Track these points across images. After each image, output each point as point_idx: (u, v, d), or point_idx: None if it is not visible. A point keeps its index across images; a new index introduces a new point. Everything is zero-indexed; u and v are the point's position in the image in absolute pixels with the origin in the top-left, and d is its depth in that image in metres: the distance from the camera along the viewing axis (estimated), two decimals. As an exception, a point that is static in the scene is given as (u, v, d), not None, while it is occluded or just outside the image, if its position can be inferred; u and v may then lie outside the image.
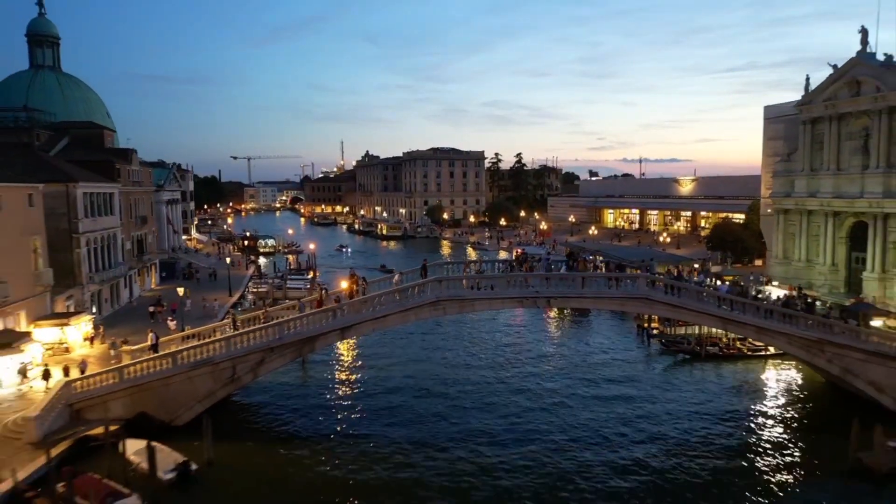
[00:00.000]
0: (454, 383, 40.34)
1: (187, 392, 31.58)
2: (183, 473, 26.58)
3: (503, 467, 28.61)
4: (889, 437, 28.17)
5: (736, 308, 33.78)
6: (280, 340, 31.98)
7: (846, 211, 60.11)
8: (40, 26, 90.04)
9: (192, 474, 26.87)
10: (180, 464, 26.91)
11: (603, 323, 58.81)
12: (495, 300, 35.13)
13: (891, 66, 55.72)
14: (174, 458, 27.15)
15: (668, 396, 37.75)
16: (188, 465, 26.97)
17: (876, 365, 32.71)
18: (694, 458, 29.41)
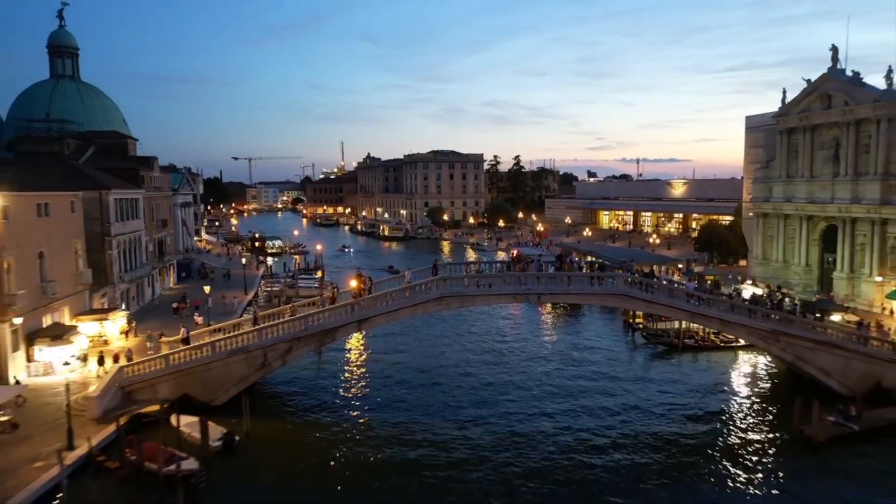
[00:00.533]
0: (454, 372, 45.14)
1: (225, 376, 36.37)
2: (228, 443, 31.38)
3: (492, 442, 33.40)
4: (828, 413, 33.04)
5: (702, 303, 38.71)
6: (306, 331, 36.85)
7: (819, 215, 65.00)
8: (61, 38, 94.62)
9: (235, 444, 31.66)
10: (225, 434, 31.71)
11: (594, 319, 63.63)
12: (492, 296, 40.07)
13: (857, 81, 60.63)
14: (220, 430, 31.94)
15: (647, 382, 42.58)
16: (232, 436, 31.78)
17: (824, 353, 37.59)
18: (665, 432, 34.19)
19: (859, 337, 38.35)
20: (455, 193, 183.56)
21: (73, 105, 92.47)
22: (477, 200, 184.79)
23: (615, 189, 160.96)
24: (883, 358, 37.30)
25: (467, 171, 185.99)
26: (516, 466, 30.36)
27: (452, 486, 28.59)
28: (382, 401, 39.32)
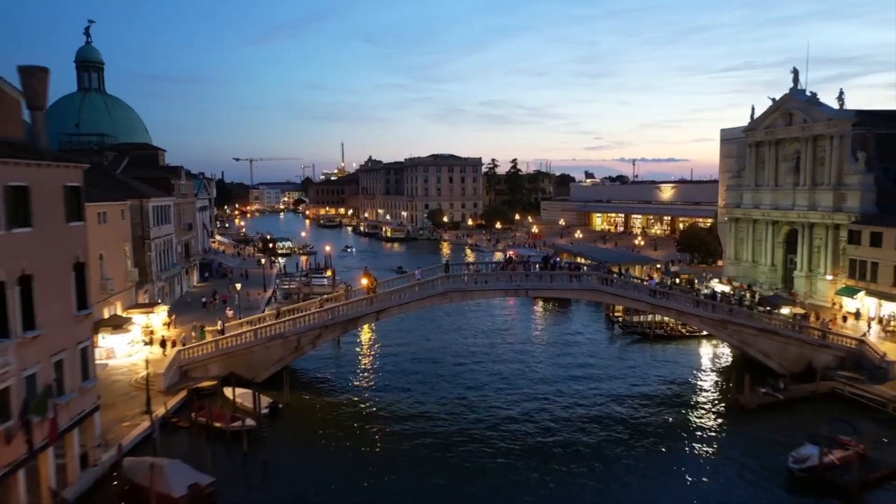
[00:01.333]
0: (454, 358, 52.54)
1: (265, 358, 43.86)
2: (274, 409, 38.90)
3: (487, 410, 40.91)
4: (760, 386, 40.65)
5: (661, 297, 46.31)
6: (333, 320, 44.38)
7: (782, 220, 72.60)
8: (88, 53, 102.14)
9: (279, 410, 39.18)
10: (271, 403, 39.23)
11: (580, 313, 71.16)
12: (488, 291, 47.67)
13: (815, 101, 68.27)
14: (267, 399, 39.45)
15: (622, 365, 50.16)
16: (277, 404, 39.32)
17: (764, 338, 45.18)
18: (633, 403, 41.67)
19: (794, 325, 45.95)
20: (454, 196, 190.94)
21: (100, 116, 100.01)
22: (475, 202, 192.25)
23: (608, 192, 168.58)
24: (813, 343, 44.91)
25: (466, 175, 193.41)
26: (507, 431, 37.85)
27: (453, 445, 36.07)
28: (392, 380, 46.76)
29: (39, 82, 27.08)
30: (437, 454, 34.28)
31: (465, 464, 33.01)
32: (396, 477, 31.48)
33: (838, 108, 65.38)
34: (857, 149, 64.48)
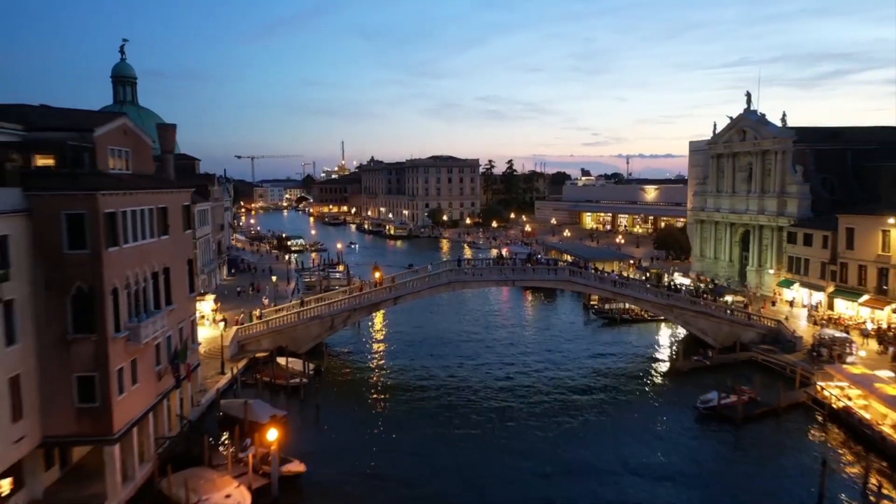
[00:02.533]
0: (454, 336, 64.45)
1: (306, 334, 55.69)
2: (317, 371, 50.81)
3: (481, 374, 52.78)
4: (693, 355, 52.70)
5: (619, 286, 58.36)
6: (360, 304, 56.26)
7: (738, 223, 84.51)
8: (123, 70, 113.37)
9: (321, 372, 51.11)
10: (314, 367, 51.13)
11: (564, 302, 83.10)
12: (483, 282, 59.62)
13: (763, 121, 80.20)
14: (311, 364, 51.33)
15: (592, 342, 62.13)
16: (319, 367, 51.26)
17: (702, 319, 57.23)
18: (595, 372, 53.56)
19: (726, 309, 58.00)
20: (453, 195, 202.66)
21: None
22: (473, 202, 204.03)
23: (597, 193, 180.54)
24: (741, 323, 56.96)
25: (464, 175, 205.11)
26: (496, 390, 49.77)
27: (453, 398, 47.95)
28: (403, 351, 58.64)
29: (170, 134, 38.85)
30: (439, 404, 46.20)
31: (462, 413, 44.93)
32: (406, 416, 43.45)
33: (782, 127, 77.39)
34: (797, 162, 76.37)
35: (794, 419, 41.75)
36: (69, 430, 29.39)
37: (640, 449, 37.92)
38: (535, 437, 39.65)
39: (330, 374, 52.00)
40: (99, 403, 29.39)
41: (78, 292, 28.96)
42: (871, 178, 77.00)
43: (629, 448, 37.99)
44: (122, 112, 38.17)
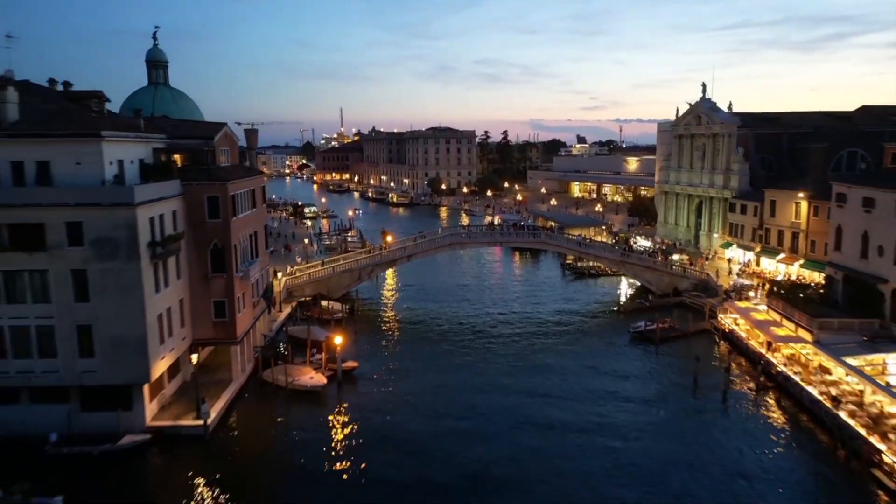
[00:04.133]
0: (453, 286, 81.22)
1: (339, 283, 72.28)
2: (351, 310, 67.61)
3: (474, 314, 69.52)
4: (635, 299, 69.57)
5: (583, 246, 74.99)
6: (380, 261, 72.81)
7: (693, 194, 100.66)
8: (156, 54, 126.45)
9: (353, 311, 67.90)
10: (348, 307, 67.88)
11: (546, 262, 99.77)
12: (477, 243, 76.18)
13: (715, 108, 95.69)
14: (346, 306, 68.05)
15: (563, 291, 78.93)
16: (352, 307, 68.05)
17: (648, 272, 74.01)
18: (562, 313, 70.32)
19: (666, 264, 74.75)
20: (451, 165, 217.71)
21: (169, 107, 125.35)
22: (470, 171, 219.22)
23: (584, 163, 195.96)
24: (677, 275, 73.73)
25: (461, 146, 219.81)
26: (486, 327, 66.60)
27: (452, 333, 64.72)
28: (412, 297, 75.36)
29: (253, 136, 54.65)
30: (442, 332, 63.07)
31: (459, 337, 61.78)
32: (418, 339, 60.34)
33: (729, 114, 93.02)
34: (741, 144, 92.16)
35: (698, 339, 58.80)
36: (209, 335, 46.05)
37: (591, 358, 54.90)
38: (514, 353, 56.58)
39: (360, 312, 68.81)
40: (227, 318, 45.97)
41: (214, 247, 45.25)
42: (802, 158, 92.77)
43: (583, 357, 54.98)
44: (224, 123, 53.00)
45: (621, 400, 46.04)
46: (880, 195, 49.05)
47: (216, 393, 43.80)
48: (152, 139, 45.24)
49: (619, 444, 39.02)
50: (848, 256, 53.30)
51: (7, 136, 36.98)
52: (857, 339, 47.31)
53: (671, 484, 34.53)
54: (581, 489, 34.03)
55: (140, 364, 38.15)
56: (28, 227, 36.53)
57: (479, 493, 33.80)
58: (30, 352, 37.66)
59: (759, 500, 33.19)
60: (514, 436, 40.14)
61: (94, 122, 39.34)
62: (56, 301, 37.23)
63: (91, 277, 37.12)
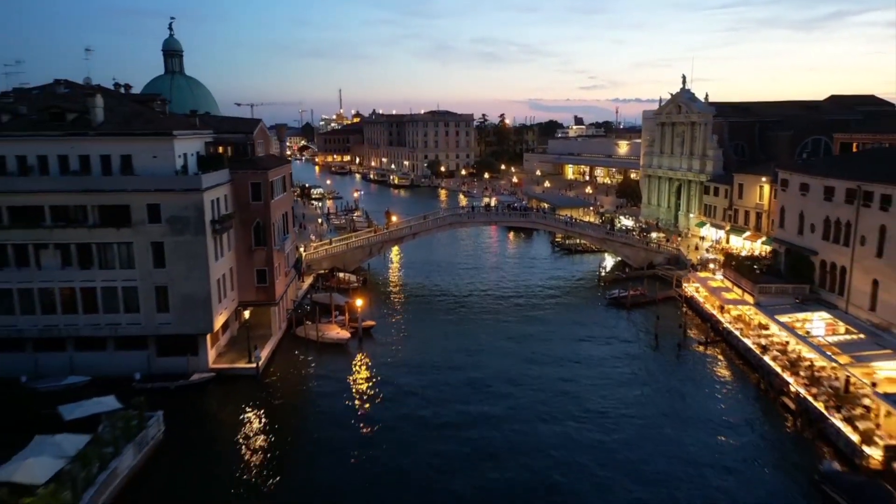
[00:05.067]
0: (453, 259, 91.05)
1: (353, 257, 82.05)
2: (363, 280, 77.50)
3: (471, 283, 79.40)
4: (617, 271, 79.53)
5: (570, 225, 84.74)
6: (389, 238, 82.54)
7: (674, 178, 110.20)
8: (172, 44, 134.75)
9: (366, 280, 77.78)
10: (361, 278, 77.74)
11: (537, 239, 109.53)
12: (475, 222, 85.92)
13: (693, 99, 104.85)
14: (360, 277, 77.88)
15: (551, 265, 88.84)
16: (365, 279, 77.93)
17: (626, 248, 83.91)
18: (551, 284, 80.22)
19: (642, 241, 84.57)
20: (450, 147, 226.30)
21: (185, 95, 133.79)
22: (468, 154, 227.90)
23: (578, 146, 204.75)
24: (652, 250, 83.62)
25: (460, 129, 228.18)
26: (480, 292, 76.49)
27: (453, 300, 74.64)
28: (416, 270, 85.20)
29: (283, 131, 63.95)
30: (444, 300, 72.96)
31: (459, 304, 71.68)
32: (424, 304, 70.25)
33: (705, 104, 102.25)
34: (715, 132, 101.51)
35: (665, 304, 68.73)
36: (252, 298, 55.83)
37: (572, 318, 64.95)
38: (506, 315, 66.53)
39: (371, 283, 78.67)
40: (268, 284, 55.73)
41: (256, 224, 54.83)
42: (771, 145, 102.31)
43: (565, 318, 65.02)
44: (259, 119, 62.05)
45: (594, 351, 56.12)
46: (812, 181, 58.70)
47: (260, 344, 53.65)
48: (205, 135, 54.65)
49: (588, 383, 49.12)
50: (789, 233, 63.11)
51: (98, 134, 46.41)
52: (790, 300, 57.34)
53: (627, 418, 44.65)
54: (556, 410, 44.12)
55: (205, 318, 48.01)
56: (116, 209, 46.11)
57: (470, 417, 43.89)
58: (117, 308, 47.44)
59: (697, 420, 43.32)
60: (504, 373, 50.23)
61: (167, 123, 48.80)
62: (139, 267, 46.95)
63: (167, 248, 46.80)
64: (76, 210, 46.13)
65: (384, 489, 34.80)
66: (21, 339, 47.66)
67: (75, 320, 47.38)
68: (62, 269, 46.77)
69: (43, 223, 45.97)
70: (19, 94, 52.55)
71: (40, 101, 50.64)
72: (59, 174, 46.53)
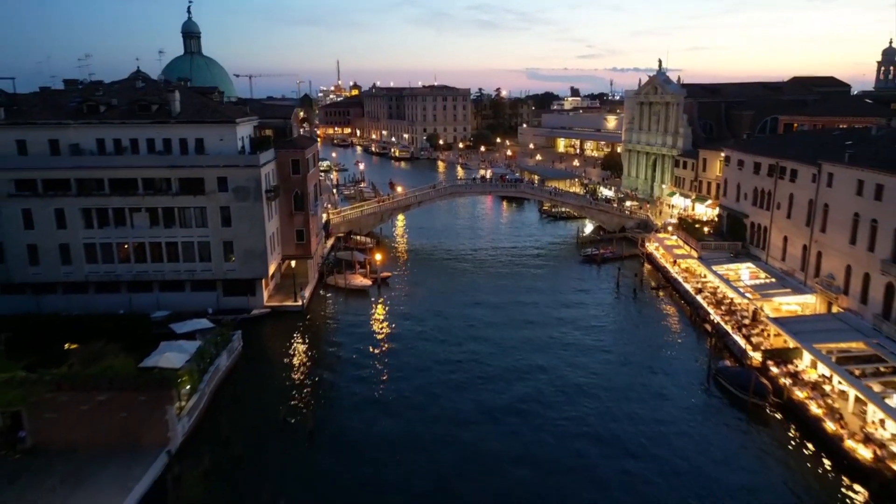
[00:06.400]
0: (452, 225, 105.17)
1: (366, 222, 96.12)
2: (377, 241, 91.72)
3: (467, 244, 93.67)
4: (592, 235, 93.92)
5: (554, 195, 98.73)
6: (397, 205, 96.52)
7: (651, 152, 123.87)
8: (190, 27, 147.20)
9: (380, 241, 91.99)
10: (374, 240, 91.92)
11: (528, 208, 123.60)
12: (472, 192, 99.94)
13: (667, 81, 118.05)
14: (373, 239, 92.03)
15: (538, 230, 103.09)
16: (378, 240, 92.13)
17: (601, 213, 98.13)
18: (536, 246, 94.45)
19: (617, 208, 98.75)
20: (448, 121, 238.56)
21: (204, 74, 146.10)
22: (465, 127, 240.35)
23: (569, 120, 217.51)
24: (625, 216, 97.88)
25: (457, 103, 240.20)
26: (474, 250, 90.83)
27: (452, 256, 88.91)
28: (420, 233, 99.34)
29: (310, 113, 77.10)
30: (444, 256, 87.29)
31: (458, 260, 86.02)
32: (427, 259, 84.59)
33: (678, 86, 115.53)
34: (686, 111, 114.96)
35: (629, 261, 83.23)
36: (292, 252, 69.94)
37: (553, 272, 79.42)
38: (498, 270, 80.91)
39: (383, 244, 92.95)
40: (305, 241, 69.82)
41: (296, 194, 68.66)
42: (735, 123, 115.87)
43: (548, 271, 79.48)
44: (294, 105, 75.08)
45: (570, 295, 70.73)
46: (746, 157, 72.69)
47: (300, 290, 67.98)
48: (254, 120, 68.19)
49: (563, 316, 63.77)
50: (729, 200, 77.34)
51: (178, 122, 59.97)
52: (726, 255, 71.88)
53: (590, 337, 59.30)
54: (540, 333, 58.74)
55: (262, 265, 62.23)
56: (193, 180, 59.88)
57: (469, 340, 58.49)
58: (193, 258, 61.54)
59: (641, 340, 58.00)
60: (495, 310, 64.78)
61: (230, 112, 62.39)
62: (210, 226, 60.91)
63: (232, 211, 60.73)
64: (162, 181, 59.88)
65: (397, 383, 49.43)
66: (119, 282, 61.83)
67: (161, 267, 61.51)
68: (150, 228, 60.68)
69: (136, 191, 59.73)
70: (107, 87, 65.78)
71: (124, 93, 63.97)
72: (147, 153, 60.15)
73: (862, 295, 50.88)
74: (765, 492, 35.60)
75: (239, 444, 39.78)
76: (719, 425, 42.98)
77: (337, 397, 47.31)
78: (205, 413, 43.45)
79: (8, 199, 58.65)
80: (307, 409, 44.56)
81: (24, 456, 37.60)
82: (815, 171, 58.10)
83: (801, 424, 42.14)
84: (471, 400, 46.35)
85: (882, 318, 47.94)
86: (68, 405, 37.98)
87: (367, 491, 35.84)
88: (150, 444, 38.36)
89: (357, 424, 43.00)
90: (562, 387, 48.57)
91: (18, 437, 38.14)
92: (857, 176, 51.97)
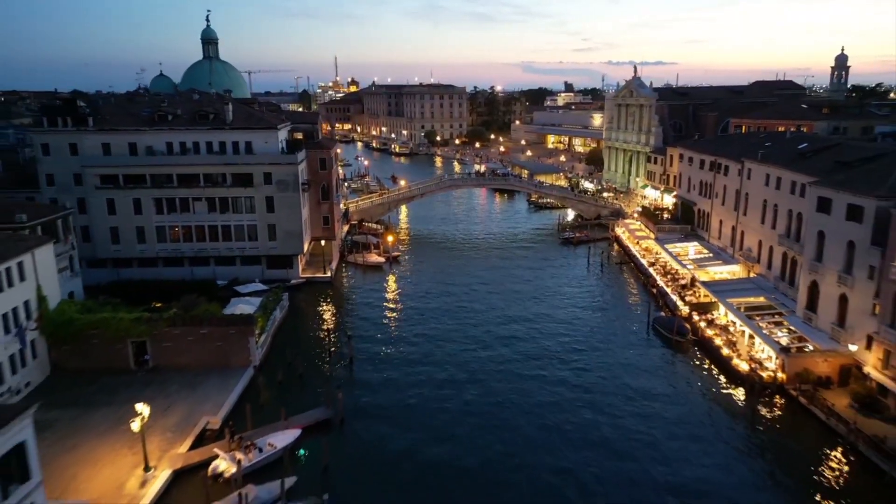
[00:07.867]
0: (451, 215, 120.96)
1: (376, 212, 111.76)
2: (386, 226, 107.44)
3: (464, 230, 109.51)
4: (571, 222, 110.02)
5: (538, 187, 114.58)
6: (402, 197, 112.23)
7: (627, 149, 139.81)
8: (209, 34, 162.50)
9: (388, 226, 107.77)
10: (383, 227, 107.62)
11: (517, 200, 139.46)
12: (468, 185, 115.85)
13: (642, 85, 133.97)
14: (382, 226, 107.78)
15: (525, 218, 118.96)
16: (387, 227, 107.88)
17: (581, 204, 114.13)
18: (522, 233, 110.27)
19: (594, 199, 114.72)
20: (444, 118, 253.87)
21: (222, 78, 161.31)
22: (461, 124, 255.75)
23: (559, 118, 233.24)
24: (600, 206, 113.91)
25: (454, 101, 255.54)
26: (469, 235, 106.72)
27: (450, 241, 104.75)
28: (421, 221, 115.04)
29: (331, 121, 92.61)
30: (442, 240, 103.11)
31: (454, 243, 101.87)
32: (428, 244, 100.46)
33: (650, 90, 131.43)
34: (658, 113, 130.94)
35: (601, 243, 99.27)
36: (319, 235, 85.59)
37: (535, 252, 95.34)
38: (490, 251, 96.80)
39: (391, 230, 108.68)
40: (330, 226, 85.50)
41: (323, 186, 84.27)
42: (702, 123, 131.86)
43: (530, 251, 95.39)
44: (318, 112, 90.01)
45: (549, 269, 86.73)
46: (694, 155, 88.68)
47: (327, 265, 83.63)
48: (288, 125, 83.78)
49: (543, 285, 79.69)
50: (683, 191, 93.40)
51: (231, 128, 75.50)
52: (678, 236, 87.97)
53: (563, 300, 75.27)
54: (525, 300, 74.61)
55: (299, 244, 77.93)
56: (244, 175, 75.42)
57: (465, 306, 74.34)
58: (244, 238, 77.17)
59: (603, 302, 74.00)
60: (489, 284, 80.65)
61: (272, 120, 77.98)
62: (258, 212, 76.51)
63: (275, 200, 76.31)
64: (218, 176, 75.42)
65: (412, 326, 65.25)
66: (182, 257, 77.42)
67: (217, 246, 77.13)
68: (209, 213, 76.24)
69: (198, 184, 75.25)
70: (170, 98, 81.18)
71: (185, 104, 79.41)
72: (207, 153, 75.65)
73: (768, 263, 67.04)
74: (679, 395, 51.64)
75: (301, 366, 55.64)
76: (650, 355, 59.08)
77: (366, 336, 63.27)
78: (270, 348, 59.30)
79: (95, 191, 74.15)
80: (345, 346, 60.38)
81: (149, 373, 53.37)
82: (740, 166, 74.13)
83: (707, 352, 58.40)
84: (468, 336, 62.52)
85: (779, 280, 64.12)
86: (179, 336, 53.75)
87: (395, 389, 51.90)
88: (237, 365, 54.15)
89: (384, 351, 59.15)
90: (540, 329, 64.65)
91: (144, 360, 53.93)
92: (765, 171, 68.05)
